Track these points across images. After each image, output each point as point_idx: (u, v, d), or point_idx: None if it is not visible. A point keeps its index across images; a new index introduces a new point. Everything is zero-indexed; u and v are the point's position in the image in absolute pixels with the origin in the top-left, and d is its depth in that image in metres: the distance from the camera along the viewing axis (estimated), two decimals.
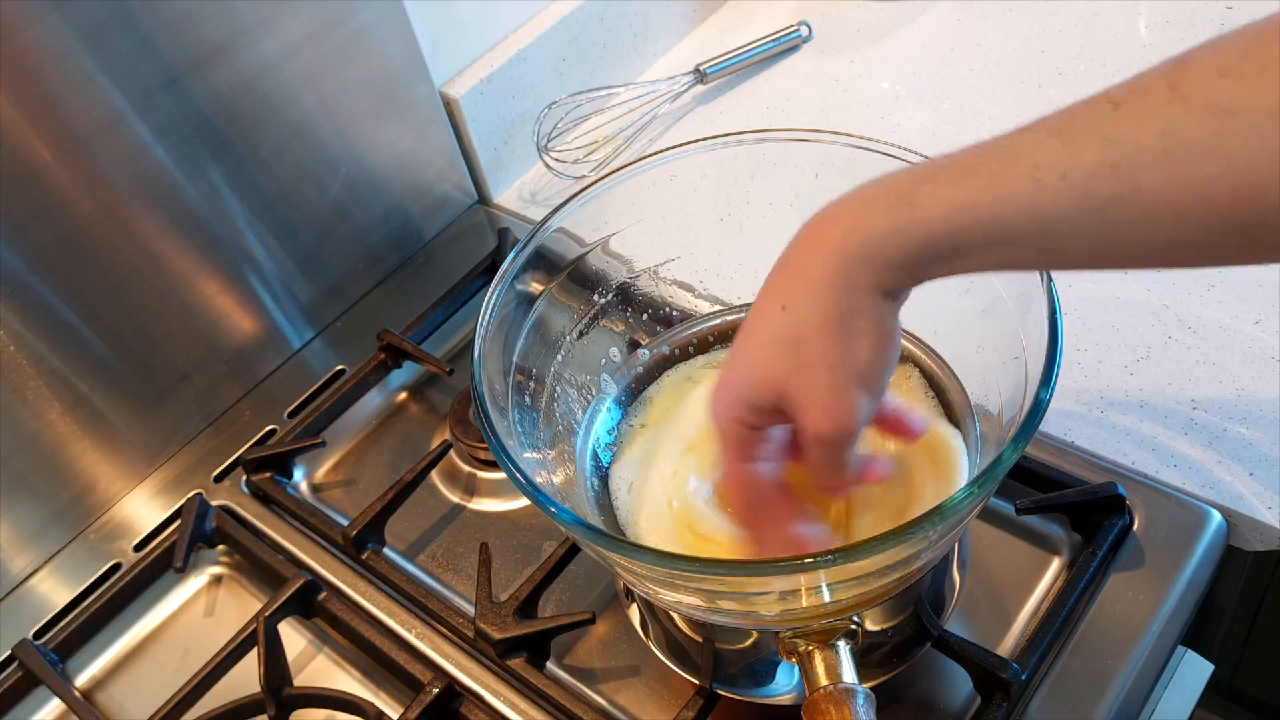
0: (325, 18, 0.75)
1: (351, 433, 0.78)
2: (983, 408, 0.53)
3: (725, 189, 0.55)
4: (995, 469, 0.41)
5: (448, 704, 0.61)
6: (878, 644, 0.54)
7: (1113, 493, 0.61)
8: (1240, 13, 0.91)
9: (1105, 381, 0.69)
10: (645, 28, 1.00)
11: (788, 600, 0.46)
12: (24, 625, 0.70)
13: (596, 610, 0.62)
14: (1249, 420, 0.65)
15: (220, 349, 0.79)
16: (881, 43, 0.98)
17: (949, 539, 0.49)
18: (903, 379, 0.56)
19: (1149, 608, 0.58)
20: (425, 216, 0.90)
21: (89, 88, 0.65)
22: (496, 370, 0.51)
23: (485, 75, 0.88)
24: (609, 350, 0.59)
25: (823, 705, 0.46)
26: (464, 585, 0.68)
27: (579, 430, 0.57)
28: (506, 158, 0.93)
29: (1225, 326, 0.70)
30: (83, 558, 0.74)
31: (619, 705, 0.60)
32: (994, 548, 0.63)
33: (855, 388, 0.40)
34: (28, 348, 0.68)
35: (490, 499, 0.72)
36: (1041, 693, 0.56)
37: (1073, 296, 0.74)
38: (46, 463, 0.72)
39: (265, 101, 0.74)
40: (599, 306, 0.58)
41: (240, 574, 0.72)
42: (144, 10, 0.65)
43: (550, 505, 0.44)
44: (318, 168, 0.79)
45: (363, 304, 0.87)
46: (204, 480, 0.76)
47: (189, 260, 0.74)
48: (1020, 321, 0.48)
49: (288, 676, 0.64)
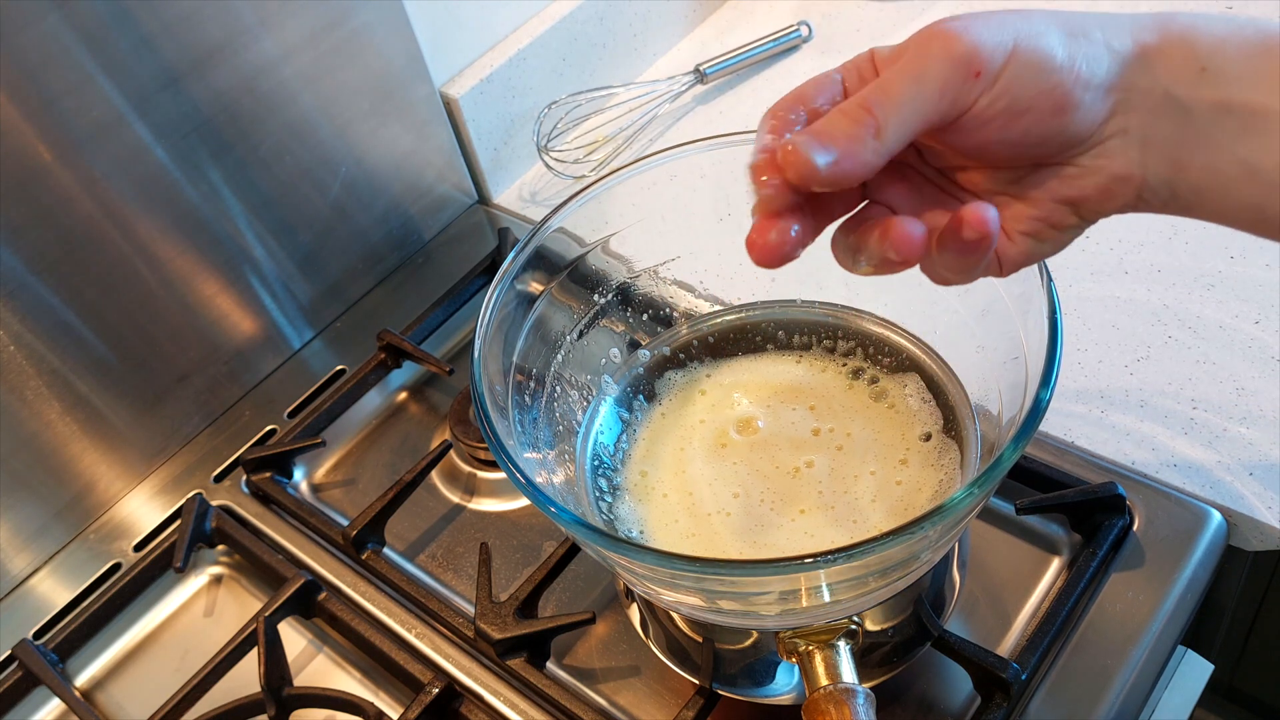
0: (325, 18, 0.75)
1: (351, 433, 0.78)
2: (983, 408, 0.53)
3: (725, 189, 0.55)
4: (995, 469, 0.41)
5: (448, 704, 0.61)
6: (878, 644, 0.54)
7: (1113, 493, 0.61)
8: (1240, 13, 0.91)
9: (1105, 381, 0.69)
10: (645, 28, 1.00)
11: (788, 600, 0.46)
12: (24, 625, 0.70)
13: (596, 610, 0.62)
14: (1249, 420, 0.65)
15: (220, 349, 0.79)
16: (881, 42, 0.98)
17: (949, 539, 0.49)
18: (900, 386, 0.56)
19: (1149, 608, 0.58)
20: (425, 216, 0.90)
21: (89, 88, 0.65)
22: (496, 370, 0.51)
23: (485, 75, 0.88)
24: (609, 350, 0.59)
25: (823, 705, 0.46)
26: (464, 585, 0.68)
27: (579, 430, 0.57)
28: (506, 158, 0.93)
29: (1225, 326, 0.70)
30: (83, 558, 0.74)
31: (619, 705, 0.60)
32: (994, 548, 0.63)
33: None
34: (28, 348, 0.68)
35: (490, 499, 0.72)
36: (1041, 693, 0.56)
37: (1073, 296, 0.74)
38: (46, 463, 0.72)
39: (265, 102, 0.74)
40: (599, 306, 0.58)
41: (240, 574, 0.72)
42: (144, 10, 0.65)
43: (550, 505, 0.44)
44: (317, 168, 0.79)
45: (362, 304, 0.87)
46: (204, 480, 0.76)
47: (189, 260, 0.74)
48: (1020, 322, 0.48)
49: (288, 676, 0.64)
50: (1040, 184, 0.38)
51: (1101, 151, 0.36)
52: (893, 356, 0.57)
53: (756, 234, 0.36)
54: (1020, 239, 0.39)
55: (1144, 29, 0.36)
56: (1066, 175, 0.37)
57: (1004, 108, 0.35)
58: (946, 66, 0.34)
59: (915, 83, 0.34)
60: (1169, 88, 0.35)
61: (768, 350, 0.60)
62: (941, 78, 0.34)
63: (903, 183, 0.40)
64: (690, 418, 0.57)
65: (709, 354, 0.60)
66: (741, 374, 0.59)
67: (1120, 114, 0.36)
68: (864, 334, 0.58)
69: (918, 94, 0.34)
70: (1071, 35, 0.35)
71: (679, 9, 1.03)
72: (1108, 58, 0.35)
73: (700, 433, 0.56)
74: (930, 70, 0.34)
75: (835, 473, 0.53)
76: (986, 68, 0.34)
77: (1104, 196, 0.37)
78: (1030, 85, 0.35)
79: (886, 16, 1.01)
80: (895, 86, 0.34)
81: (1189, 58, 0.35)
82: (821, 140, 0.34)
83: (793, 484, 0.53)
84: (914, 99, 0.34)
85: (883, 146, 0.34)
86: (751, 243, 0.37)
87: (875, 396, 0.56)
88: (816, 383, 0.57)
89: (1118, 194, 0.37)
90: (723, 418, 0.57)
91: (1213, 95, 0.35)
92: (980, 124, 0.35)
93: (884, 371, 0.57)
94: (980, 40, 0.34)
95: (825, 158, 0.34)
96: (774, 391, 0.57)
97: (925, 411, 0.55)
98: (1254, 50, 0.34)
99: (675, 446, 0.56)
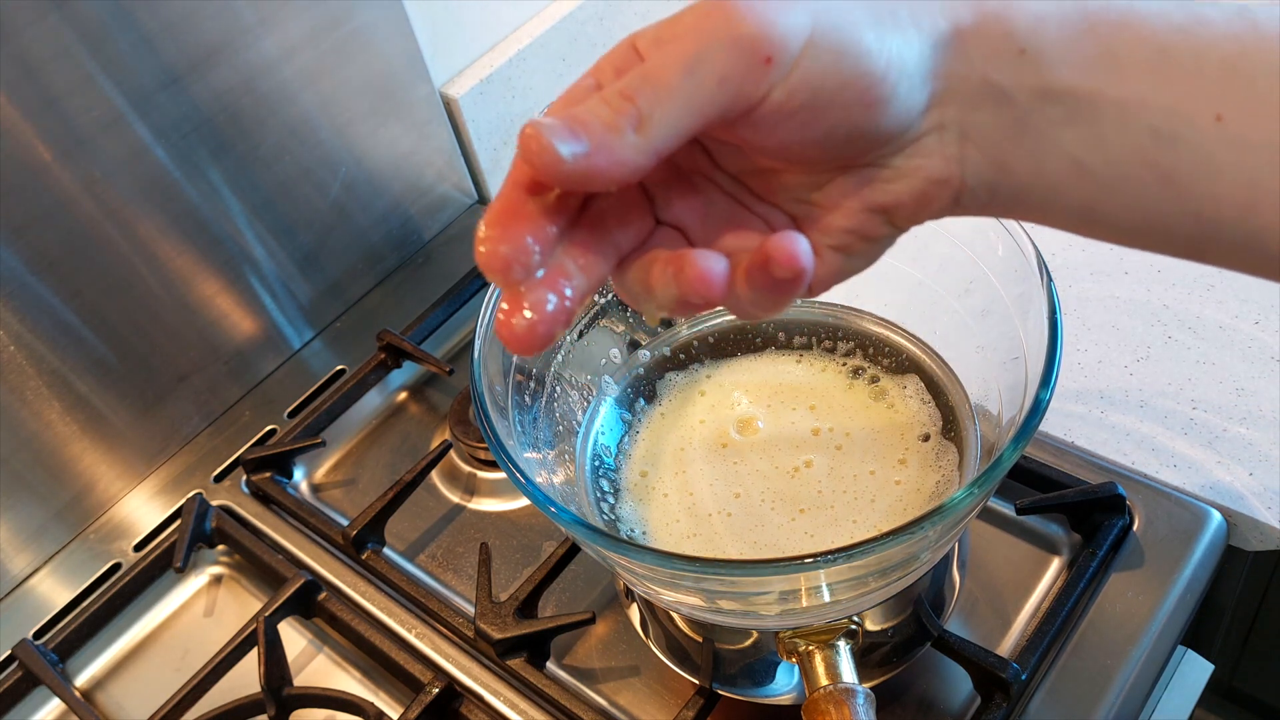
0: (325, 18, 0.75)
1: (351, 433, 0.78)
2: (983, 408, 0.53)
3: None
4: (995, 469, 0.41)
5: (448, 704, 0.61)
6: (878, 644, 0.54)
7: (1113, 493, 0.61)
8: None
9: (1105, 381, 0.69)
10: None
11: (788, 600, 0.46)
12: (24, 625, 0.70)
13: (596, 610, 0.62)
14: (1249, 420, 0.65)
15: (220, 349, 0.79)
16: None
17: (949, 539, 0.49)
18: (900, 387, 0.56)
19: (1149, 608, 0.58)
20: (425, 216, 0.90)
21: (89, 88, 0.65)
22: (496, 370, 0.51)
23: (485, 75, 0.88)
24: (609, 351, 0.59)
25: (823, 705, 0.46)
26: (464, 585, 0.68)
27: (579, 430, 0.57)
28: (506, 158, 0.93)
29: (1225, 326, 0.70)
30: (82, 558, 0.74)
31: (619, 705, 0.60)
32: (994, 548, 0.63)
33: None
34: (28, 348, 0.68)
35: (490, 499, 0.72)
36: (1041, 693, 0.56)
37: (1072, 296, 0.74)
38: (46, 463, 0.72)
39: (265, 101, 0.74)
40: (599, 306, 0.58)
41: (240, 574, 0.72)
42: (144, 10, 0.65)
43: (550, 505, 0.44)
44: (317, 168, 0.79)
45: (362, 304, 0.87)
46: (204, 480, 0.76)
47: (189, 260, 0.74)
48: (1020, 322, 0.48)
49: (288, 676, 0.64)
50: (848, 190, 0.33)
51: (916, 150, 0.32)
52: (892, 357, 0.57)
53: (506, 315, 0.29)
54: (829, 255, 0.34)
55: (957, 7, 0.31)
56: (878, 179, 0.32)
57: (804, 101, 0.29)
58: (727, 51, 0.28)
59: (688, 69, 0.28)
60: (986, 74, 0.31)
61: (768, 350, 0.60)
62: (721, 64, 0.28)
63: (692, 195, 0.34)
64: (690, 418, 0.57)
65: (709, 354, 0.60)
66: (741, 374, 0.59)
67: (936, 106, 0.31)
68: (864, 334, 0.58)
69: (691, 82, 0.28)
70: (878, 16, 0.30)
71: (679, 9, 1.03)
72: (919, 41, 0.30)
73: (700, 433, 0.56)
74: (707, 54, 0.28)
75: (834, 472, 0.53)
76: (779, 54, 0.28)
77: (920, 202, 0.33)
78: (834, 74, 0.29)
79: None
80: (664, 73, 0.28)
81: (1006, 37, 0.30)
82: (570, 127, 0.27)
83: (792, 484, 0.53)
84: (686, 88, 0.28)
85: (646, 143, 0.28)
86: (501, 326, 0.29)
87: (875, 396, 0.56)
88: (816, 383, 0.57)
89: (934, 198, 0.33)
90: (723, 418, 0.57)
91: (1034, 80, 0.30)
92: (776, 120, 0.30)
93: (884, 371, 0.57)
94: (769, 20, 0.28)
95: (573, 147, 0.27)
96: (774, 391, 0.57)
97: (925, 412, 0.55)
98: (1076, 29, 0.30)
99: (675, 446, 0.56)
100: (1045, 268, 0.45)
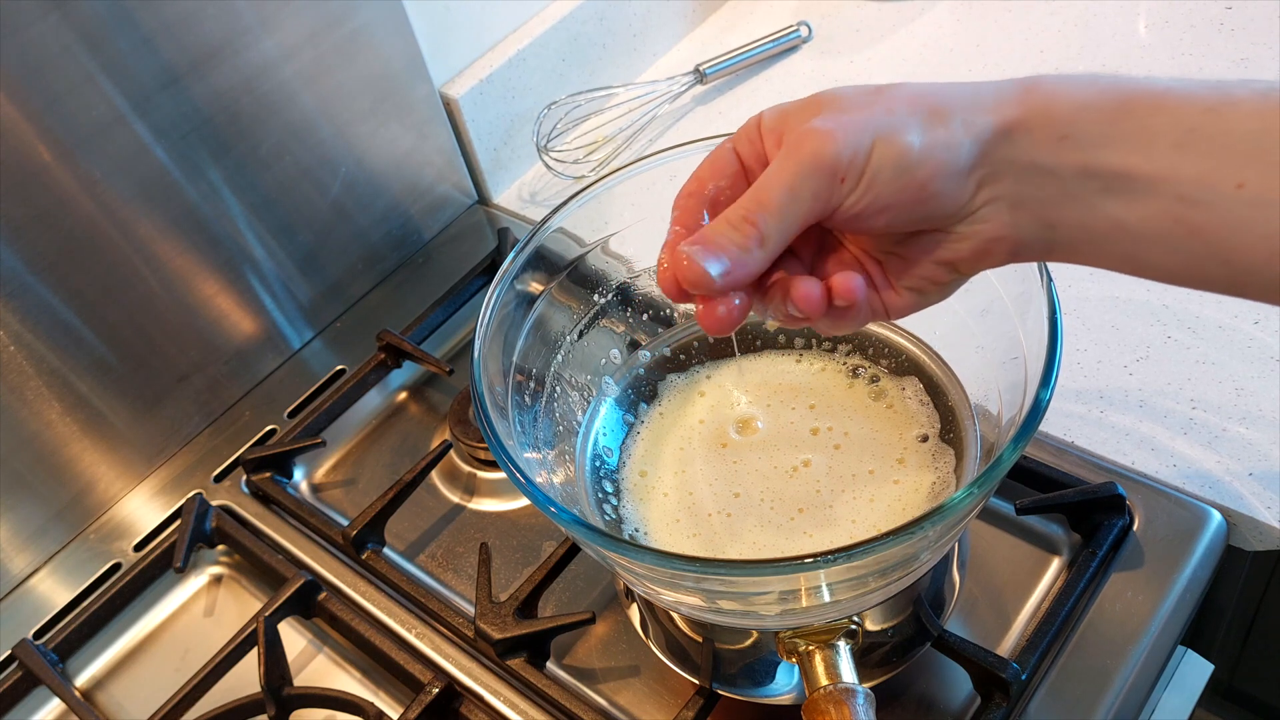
0: (325, 18, 0.75)
1: (351, 433, 0.78)
2: (982, 408, 0.53)
3: None
4: (995, 469, 0.41)
5: (448, 704, 0.61)
6: (878, 644, 0.54)
7: (1112, 493, 0.61)
8: (1239, 13, 0.91)
9: (1105, 381, 0.69)
10: (645, 28, 1.00)
11: (788, 600, 0.46)
12: (24, 625, 0.70)
13: (596, 610, 0.62)
14: (1249, 420, 0.65)
15: (220, 349, 0.79)
16: (881, 43, 0.98)
17: (948, 539, 0.49)
18: (900, 387, 0.56)
19: (1149, 608, 0.58)
20: (425, 216, 0.90)
21: (89, 88, 0.65)
22: (496, 370, 0.51)
23: (485, 75, 0.88)
24: (609, 351, 0.59)
25: (823, 705, 0.46)
26: (464, 585, 0.68)
27: (579, 430, 0.57)
28: (506, 158, 0.93)
29: (1225, 326, 0.70)
30: (82, 558, 0.74)
31: (619, 705, 0.60)
32: (994, 548, 0.63)
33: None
34: (28, 348, 0.68)
35: (490, 499, 0.72)
36: (1041, 693, 0.56)
37: (1072, 296, 0.74)
38: (46, 463, 0.72)
39: (265, 101, 0.74)
40: (599, 307, 0.58)
41: (240, 574, 0.72)
42: (144, 10, 0.65)
43: (550, 505, 0.44)
44: (317, 168, 0.80)
45: (362, 304, 0.87)
46: (204, 480, 0.76)
47: (189, 260, 0.74)
48: (1020, 322, 0.48)
49: (288, 676, 0.64)
50: (922, 248, 0.41)
51: (975, 219, 0.39)
52: (892, 356, 0.57)
53: (703, 314, 0.40)
54: (905, 293, 0.42)
55: (1006, 102, 0.37)
56: (945, 241, 0.40)
57: (868, 204, 0.38)
58: (816, 176, 0.37)
59: (790, 192, 0.37)
60: (1033, 157, 0.37)
61: (767, 351, 0.60)
62: (812, 187, 0.37)
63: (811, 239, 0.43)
64: (690, 418, 0.57)
65: (709, 354, 0.60)
66: (741, 374, 0.59)
67: (987, 186, 0.38)
68: (863, 334, 0.58)
69: (792, 201, 0.37)
70: (930, 124, 0.37)
71: (679, 9, 1.03)
72: (968, 142, 0.37)
73: (700, 433, 0.56)
74: (801, 180, 0.37)
75: (833, 472, 0.53)
76: (850, 172, 0.37)
77: (979, 257, 0.40)
78: (890, 183, 0.37)
79: (886, 17, 1.01)
80: (772, 197, 0.38)
81: (1049, 127, 0.37)
82: (713, 251, 0.38)
83: (791, 483, 0.53)
84: (790, 205, 0.37)
85: (766, 255, 0.38)
86: (701, 317, 0.40)
87: (874, 396, 0.56)
88: (816, 382, 0.57)
89: (993, 253, 0.40)
90: (722, 418, 0.57)
91: (1076, 159, 0.36)
92: (851, 216, 0.38)
93: (883, 371, 0.57)
94: (844, 145, 0.37)
95: (718, 268, 0.38)
96: (773, 391, 0.57)
97: (924, 411, 0.55)
98: (1113, 112, 0.36)
99: (675, 446, 0.56)
100: (1045, 268, 0.45)
